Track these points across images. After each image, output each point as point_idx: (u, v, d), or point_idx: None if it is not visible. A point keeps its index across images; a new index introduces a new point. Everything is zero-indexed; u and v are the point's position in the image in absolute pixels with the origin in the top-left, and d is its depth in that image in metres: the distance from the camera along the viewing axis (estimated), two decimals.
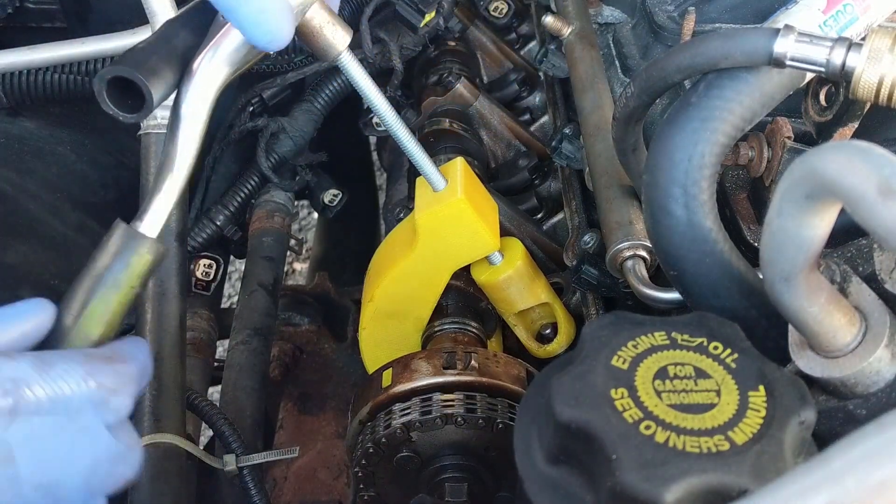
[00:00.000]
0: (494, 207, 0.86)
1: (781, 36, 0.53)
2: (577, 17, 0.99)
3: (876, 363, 0.47)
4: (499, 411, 0.72)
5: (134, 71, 0.55)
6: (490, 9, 1.21)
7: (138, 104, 0.57)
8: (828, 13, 0.62)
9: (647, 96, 0.61)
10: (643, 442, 0.43)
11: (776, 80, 0.57)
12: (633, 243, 0.72)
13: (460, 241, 0.82)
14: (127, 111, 0.57)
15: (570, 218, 0.94)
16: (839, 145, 0.39)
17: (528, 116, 1.13)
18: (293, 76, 1.18)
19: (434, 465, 0.74)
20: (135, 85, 0.56)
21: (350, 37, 0.67)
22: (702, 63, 0.57)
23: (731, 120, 0.57)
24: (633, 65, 0.90)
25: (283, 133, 1.19)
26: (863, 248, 0.53)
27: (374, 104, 0.74)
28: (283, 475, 1.06)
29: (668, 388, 0.46)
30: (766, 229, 0.44)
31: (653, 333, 0.49)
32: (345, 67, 0.70)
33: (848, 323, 0.47)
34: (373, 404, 0.74)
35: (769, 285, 0.46)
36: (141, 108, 0.57)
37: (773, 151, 0.70)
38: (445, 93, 1.05)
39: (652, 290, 0.69)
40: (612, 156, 0.77)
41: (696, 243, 0.58)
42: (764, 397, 0.45)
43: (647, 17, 0.89)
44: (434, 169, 0.79)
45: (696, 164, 0.57)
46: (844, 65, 0.52)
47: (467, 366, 0.74)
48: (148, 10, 0.96)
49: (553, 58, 1.00)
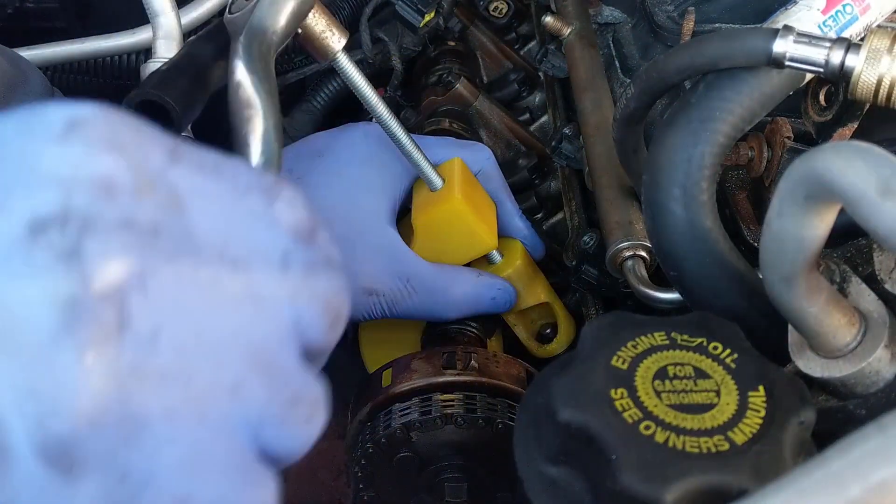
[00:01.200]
0: (492, 207, 0.86)
1: (780, 36, 0.53)
2: (577, 17, 0.99)
3: (876, 363, 0.47)
4: (499, 411, 0.72)
5: (162, 94, 0.55)
6: (490, 9, 1.21)
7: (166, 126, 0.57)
8: (827, 13, 0.62)
9: (648, 97, 0.61)
10: (643, 442, 0.43)
11: (776, 80, 0.57)
12: (632, 243, 0.72)
13: (458, 241, 0.82)
14: None
15: (570, 218, 0.94)
16: (839, 146, 0.39)
17: (528, 116, 1.13)
18: (293, 76, 1.18)
19: (434, 466, 0.74)
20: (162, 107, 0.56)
21: (346, 39, 0.69)
22: (701, 63, 0.57)
23: (731, 120, 0.57)
24: (633, 65, 0.90)
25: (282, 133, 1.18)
26: (863, 248, 0.53)
27: (371, 105, 0.75)
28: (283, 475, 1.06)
29: (667, 389, 0.46)
30: (765, 229, 0.44)
31: (652, 333, 0.49)
32: (341, 69, 0.71)
33: (848, 323, 0.47)
34: (372, 404, 0.74)
35: (769, 285, 0.46)
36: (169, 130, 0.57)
37: (772, 151, 0.70)
38: (445, 93, 1.05)
39: (652, 290, 0.69)
40: (612, 156, 0.77)
41: (696, 243, 0.58)
42: (764, 397, 0.45)
43: (647, 17, 0.89)
44: (431, 169, 0.80)
45: (695, 164, 0.57)
46: (843, 65, 0.52)
47: (467, 366, 0.74)
48: (148, 10, 0.96)
49: (553, 58, 1.00)
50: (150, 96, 0.56)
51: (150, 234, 0.33)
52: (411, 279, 0.80)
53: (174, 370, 0.33)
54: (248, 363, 0.36)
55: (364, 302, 0.80)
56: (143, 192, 0.34)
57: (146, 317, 0.33)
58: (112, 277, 0.32)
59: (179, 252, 0.34)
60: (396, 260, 0.80)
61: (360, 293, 0.79)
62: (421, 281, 0.80)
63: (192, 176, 0.36)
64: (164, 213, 0.34)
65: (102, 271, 0.32)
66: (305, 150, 0.85)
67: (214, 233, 0.36)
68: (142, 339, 0.33)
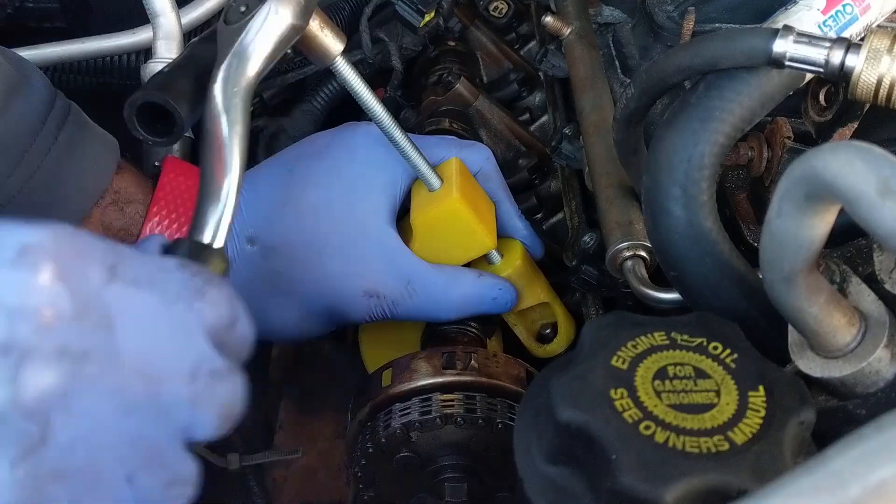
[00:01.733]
0: (491, 207, 0.86)
1: (780, 36, 0.53)
2: (576, 17, 0.99)
3: (875, 363, 0.47)
4: (498, 411, 0.72)
5: (164, 95, 0.55)
6: (490, 9, 1.21)
7: (169, 128, 0.57)
8: (827, 13, 0.62)
9: (648, 97, 0.61)
10: (643, 442, 0.43)
11: (775, 80, 0.57)
12: (633, 243, 0.72)
13: (457, 241, 0.82)
14: (157, 135, 0.58)
15: (570, 218, 0.94)
16: (838, 145, 0.40)
17: (528, 116, 1.12)
18: (293, 76, 1.18)
19: (434, 465, 0.74)
20: (164, 109, 0.56)
21: (343, 43, 0.69)
22: (701, 63, 0.57)
23: (731, 120, 0.57)
24: (633, 65, 0.90)
25: (283, 133, 1.18)
26: (863, 248, 0.53)
27: (369, 106, 0.75)
28: (283, 476, 1.06)
29: (667, 389, 0.46)
30: (765, 229, 0.44)
31: (652, 333, 0.49)
32: (339, 71, 0.72)
33: (847, 323, 0.47)
34: (372, 404, 0.74)
35: (769, 285, 0.46)
36: (172, 132, 0.57)
37: (772, 151, 0.70)
38: (445, 93, 1.05)
39: (652, 290, 0.69)
40: (612, 156, 0.77)
41: (696, 243, 0.58)
42: (763, 397, 0.45)
43: (647, 17, 0.89)
44: (430, 169, 0.80)
45: (695, 164, 0.57)
46: (843, 65, 0.52)
47: (467, 366, 0.74)
48: (149, 9, 0.96)
49: (553, 58, 1.00)
50: (153, 98, 0.56)
51: (80, 359, 0.40)
52: (412, 280, 0.80)
53: (85, 469, 0.41)
54: (142, 458, 0.43)
55: (365, 304, 0.80)
56: (80, 317, 0.40)
57: (67, 430, 0.39)
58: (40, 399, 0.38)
59: (103, 373, 0.41)
60: (397, 261, 0.80)
61: (360, 295, 0.79)
62: (421, 282, 0.80)
63: (126, 292, 0.43)
64: (95, 337, 0.41)
65: (32, 395, 0.38)
66: (306, 150, 0.85)
67: (137, 351, 0.42)
68: (62, 447, 0.39)
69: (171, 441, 0.44)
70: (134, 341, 0.42)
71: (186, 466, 0.45)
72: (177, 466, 0.45)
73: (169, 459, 0.44)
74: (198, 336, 0.45)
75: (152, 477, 0.44)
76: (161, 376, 0.43)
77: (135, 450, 0.43)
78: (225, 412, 0.45)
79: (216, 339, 0.46)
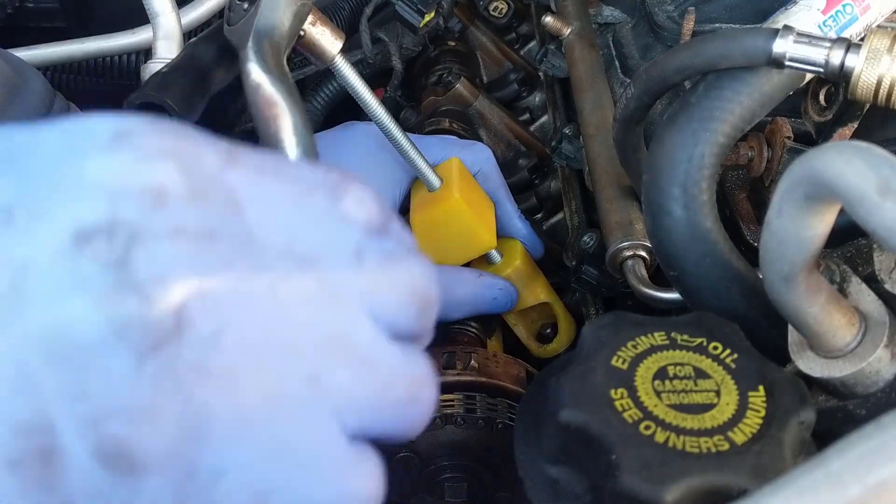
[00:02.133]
0: (491, 206, 0.86)
1: (780, 36, 0.53)
2: (576, 17, 0.99)
3: (876, 363, 0.47)
4: (498, 411, 0.72)
5: (162, 96, 0.55)
6: (490, 9, 1.21)
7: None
8: (827, 13, 0.62)
9: (648, 97, 0.61)
10: (643, 442, 0.43)
11: (775, 80, 0.57)
12: (632, 243, 0.72)
13: (456, 240, 0.82)
14: None
15: (570, 218, 0.94)
16: (838, 145, 0.39)
17: (528, 116, 1.13)
18: (293, 76, 1.18)
19: (434, 465, 0.74)
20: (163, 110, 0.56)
21: (342, 42, 0.69)
22: (701, 64, 0.57)
23: (731, 120, 0.57)
24: (633, 65, 0.90)
25: None
26: (863, 248, 0.53)
27: (368, 106, 0.75)
28: None
29: (667, 389, 0.46)
30: (765, 229, 0.44)
31: (652, 333, 0.49)
32: (338, 71, 0.72)
33: (847, 323, 0.47)
34: None
35: (769, 285, 0.46)
36: None
37: (772, 151, 0.70)
38: (445, 93, 1.05)
39: (652, 290, 0.69)
40: (612, 156, 0.77)
41: (696, 243, 0.58)
42: (763, 397, 0.45)
43: (647, 17, 0.89)
44: (429, 169, 0.80)
45: (695, 164, 0.57)
46: (843, 65, 0.52)
47: (467, 366, 0.74)
48: (149, 10, 0.96)
49: (553, 58, 1.00)
50: (151, 98, 0.56)
51: (206, 239, 0.33)
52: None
53: (241, 367, 0.33)
54: (326, 354, 0.35)
55: None
56: (198, 197, 0.34)
57: (205, 317, 0.32)
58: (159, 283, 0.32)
59: (239, 254, 0.34)
60: None
61: None
62: None
63: (250, 178, 0.36)
64: (221, 217, 0.34)
65: (152, 278, 0.32)
66: None
67: (278, 232, 0.35)
68: (203, 339, 0.32)
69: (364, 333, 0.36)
70: (272, 226, 0.35)
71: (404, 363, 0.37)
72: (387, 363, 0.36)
73: (371, 355, 0.36)
74: (348, 225, 0.37)
75: (351, 376, 0.35)
76: (318, 260, 0.35)
77: (312, 344, 0.35)
78: (417, 295, 0.37)
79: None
